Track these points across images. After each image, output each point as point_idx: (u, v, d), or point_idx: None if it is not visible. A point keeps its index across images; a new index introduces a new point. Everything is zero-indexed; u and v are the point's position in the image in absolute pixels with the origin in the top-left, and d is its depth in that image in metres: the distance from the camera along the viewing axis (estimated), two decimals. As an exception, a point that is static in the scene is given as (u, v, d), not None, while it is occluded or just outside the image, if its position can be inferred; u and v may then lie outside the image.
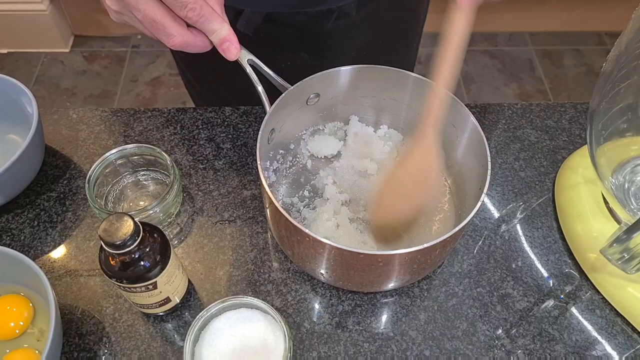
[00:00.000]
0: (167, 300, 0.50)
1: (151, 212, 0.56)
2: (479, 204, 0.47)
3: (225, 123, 0.68)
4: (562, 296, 0.57)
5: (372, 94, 0.61)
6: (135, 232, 0.42)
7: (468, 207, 0.55)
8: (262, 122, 0.51)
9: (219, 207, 0.61)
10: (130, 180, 0.61)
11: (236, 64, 0.51)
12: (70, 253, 0.57)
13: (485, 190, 0.48)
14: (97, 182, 0.58)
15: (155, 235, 0.46)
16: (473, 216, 0.46)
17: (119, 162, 0.60)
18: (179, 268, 0.50)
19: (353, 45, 0.73)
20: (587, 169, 0.62)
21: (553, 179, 0.65)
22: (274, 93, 0.53)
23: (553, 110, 0.72)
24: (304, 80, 0.54)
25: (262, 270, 0.57)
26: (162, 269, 0.46)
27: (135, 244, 0.43)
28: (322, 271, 0.52)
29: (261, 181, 0.48)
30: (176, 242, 0.58)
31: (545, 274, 0.58)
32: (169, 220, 0.59)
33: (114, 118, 0.68)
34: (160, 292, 0.48)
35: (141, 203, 0.61)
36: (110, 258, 0.44)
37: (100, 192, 0.59)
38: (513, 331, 0.54)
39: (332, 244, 0.44)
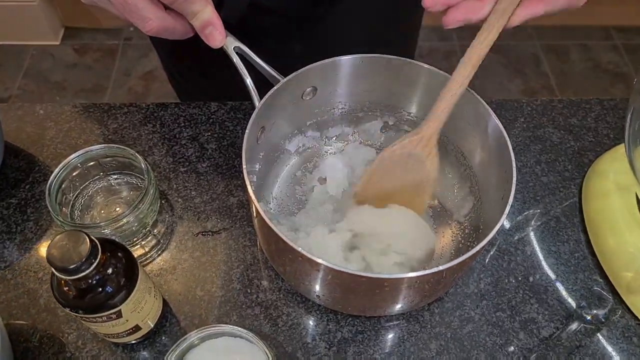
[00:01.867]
0: (137, 328, 0.43)
1: (123, 222, 0.48)
2: (502, 219, 0.39)
3: (211, 120, 0.60)
4: (593, 321, 0.49)
5: (377, 88, 0.53)
6: (92, 253, 0.35)
7: (487, 218, 0.48)
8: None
9: (201, 216, 0.54)
10: (100, 185, 0.54)
11: (224, 54, 0.45)
12: (29, 269, 0.50)
13: (510, 202, 0.40)
14: (62, 188, 0.51)
15: (119, 254, 0.39)
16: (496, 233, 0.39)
17: (89, 164, 0.52)
18: (150, 291, 0.43)
19: (348, 34, 0.66)
20: (619, 174, 0.55)
21: (579, 185, 0.58)
22: (265, 87, 0.46)
23: (577, 107, 0.64)
24: (299, 71, 0.47)
25: (249, 290, 0.49)
26: (128, 294, 0.39)
27: (92, 268, 0.35)
28: (318, 293, 0.44)
29: (246, 187, 0.40)
30: (152, 257, 0.51)
31: (574, 296, 0.50)
32: (143, 231, 0.52)
33: (85, 114, 0.60)
34: (127, 320, 0.41)
35: (117, 209, 0.54)
36: (63, 284, 0.37)
37: (66, 199, 0.52)
38: (538, 363, 0.47)
39: (330, 265, 0.37)
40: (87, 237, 0.35)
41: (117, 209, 0.54)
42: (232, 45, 0.45)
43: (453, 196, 0.54)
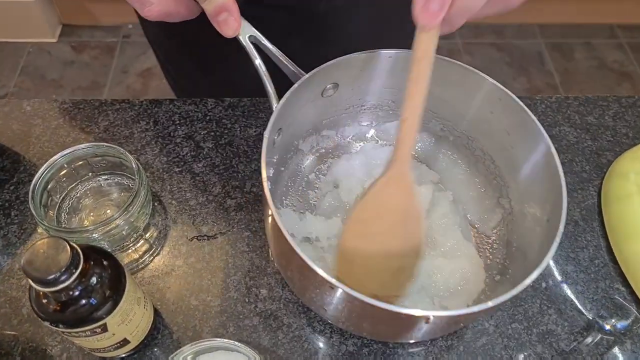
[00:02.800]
0: (125, 342, 0.39)
1: (112, 225, 0.45)
2: (552, 250, 0.35)
3: (207, 118, 0.57)
4: (613, 332, 0.46)
5: (403, 86, 0.49)
6: (73, 262, 0.32)
7: (523, 237, 0.44)
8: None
9: (197, 219, 0.50)
10: (89, 187, 0.51)
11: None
12: (11, 276, 0.47)
13: (561, 230, 0.36)
14: (48, 189, 0.48)
15: (104, 262, 0.36)
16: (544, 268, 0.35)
17: (77, 164, 0.49)
18: (139, 302, 0.39)
19: (350, 28, 0.62)
20: (641, 175, 0.52)
21: (598, 187, 0.54)
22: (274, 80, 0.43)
23: (594, 105, 0.61)
24: (322, 66, 0.43)
25: (247, 300, 0.46)
26: (114, 306, 0.36)
27: (73, 278, 0.32)
28: (331, 315, 0.41)
29: (266, 199, 0.36)
30: (143, 263, 0.48)
31: (594, 305, 0.47)
32: (135, 235, 0.49)
33: (75, 111, 0.57)
34: (113, 334, 0.37)
35: (107, 212, 0.50)
36: (41, 296, 0.34)
37: (52, 201, 0.49)
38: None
39: (360, 296, 0.32)
40: (67, 245, 0.32)
41: (108, 211, 0.50)
42: (246, 34, 0.41)
43: (479, 206, 0.50)
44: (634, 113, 0.60)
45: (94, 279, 0.34)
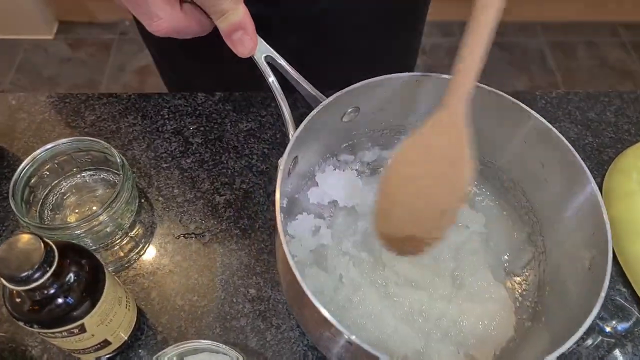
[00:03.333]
0: (106, 342, 0.38)
1: (95, 222, 0.44)
2: (596, 306, 0.32)
3: (197, 112, 0.55)
4: (613, 334, 0.45)
5: (426, 110, 0.45)
6: (47, 259, 0.30)
7: (558, 281, 0.41)
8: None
9: (184, 216, 0.49)
10: (73, 182, 0.49)
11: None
12: (-9, 275, 0.45)
13: (606, 283, 0.33)
14: (31, 185, 0.46)
15: (82, 260, 0.34)
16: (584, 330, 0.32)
17: (60, 159, 0.48)
18: (120, 301, 0.38)
19: (350, 28, 0.60)
20: (644, 172, 0.50)
21: (599, 185, 0.53)
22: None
23: (595, 101, 0.59)
24: (342, 91, 0.40)
25: (235, 300, 0.44)
26: (92, 306, 0.34)
27: (47, 276, 0.31)
28: None
29: (280, 241, 0.33)
30: (128, 261, 0.46)
31: (595, 307, 0.45)
32: (119, 233, 0.47)
33: (61, 105, 0.56)
34: (93, 335, 0.36)
35: (93, 208, 0.49)
36: (15, 294, 0.32)
37: (35, 198, 0.47)
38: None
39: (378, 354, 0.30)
40: (40, 241, 0.30)
41: (93, 208, 0.49)
42: (262, 52, 0.39)
43: (507, 242, 0.46)
44: (637, 109, 0.59)
45: (70, 278, 0.33)
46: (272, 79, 0.40)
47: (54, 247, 0.31)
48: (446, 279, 0.44)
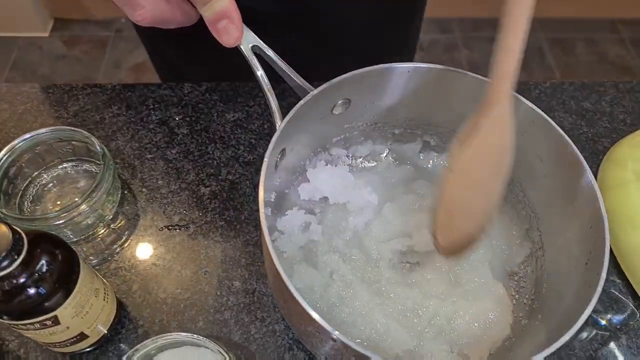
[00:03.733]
0: (82, 336, 0.37)
1: (75, 213, 0.42)
2: (592, 302, 0.31)
3: (183, 102, 0.54)
4: (608, 327, 0.43)
5: (421, 103, 0.45)
6: (15, 247, 0.29)
7: (555, 276, 0.41)
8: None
9: (168, 208, 0.48)
10: (55, 174, 0.48)
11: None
12: (-31, 267, 0.44)
13: (603, 277, 0.32)
14: (9, 176, 0.45)
15: (56, 250, 0.33)
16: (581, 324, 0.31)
17: (40, 149, 0.46)
18: (97, 293, 0.37)
19: (348, 23, 0.59)
20: (639, 162, 0.49)
21: (594, 174, 0.52)
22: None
23: (590, 90, 0.58)
24: (330, 82, 0.39)
25: (219, 293, 0.43)
26: (66, 297, 0.33)
27: (15, 265, 0.29)
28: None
29: (264, 241, 0.32)
30: (110, 253, 0.45)
31: (589, 299, 0.44)
32: (101, 224, 0.46)
33: (44, 96, 0.54)
34: (68, 327, 0.35)
35: (76, 200, 0.47)
36: (-17, 284, 0.31)
37: (14, 189, 0.46)
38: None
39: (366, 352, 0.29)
40: (8, 228, 0.29)
41: (75, 199, 0.48)
42: (248, 42, 0.37)
43: (504, 238, 0.45)
44: (632, 98, 0.58)
45: (42, 267, 0.32)
46: (260, 72, 0.39)
47: (22, 235, 0.30)
48: (442, 277, 0.43)
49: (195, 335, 0.36)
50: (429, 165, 0.49)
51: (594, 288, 0.31)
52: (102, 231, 0.46)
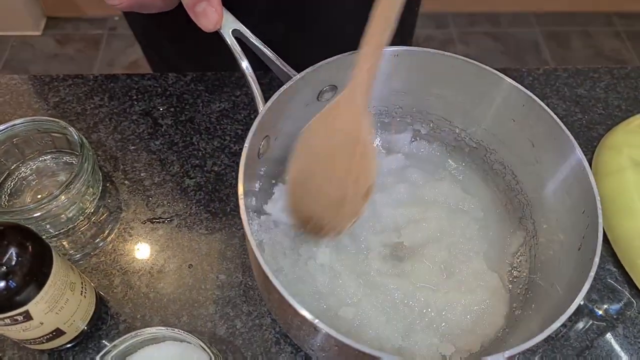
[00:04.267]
0: (58, 332, 0.35)
1: (53, 205, 0.41)
2: (584, 288, 0.30)
3: (167, 93, 0.53)
4: (605, 317, 0.42)
5: (411, 89, 0.43)
6: (-19, 238, 0.28)
7: (549, 264, 0.39)
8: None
9: (151, 200, 0.46)
10: (34, 166, 0.47)
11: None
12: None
13: (596, 262, 0.31)
14: (-13, 168, 0.44)
15: (26, 242, 0.32)
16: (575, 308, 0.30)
17: (17, 141, 0.45)
18: (73, 287, 0.35)
19: (341, 10, 0.58)
20: (634, 148, 0.48)
21: (588, 161, 0.50)
22: (260, 82, 0.38)
23: (584, 77, 0.57)
24: (314, 66, 0.38)
25: (203, 287, 0.42)
26: (38, 290, 0.32)
27: (-19, 257, 0.28)
28: (316, 354, 0.35)
29: (245, 230, 0.31)
30: (91, 247, 0.44)
31: (584, 288, 0.43)
32: (81, 217, 0.45)
33: (24, 87, 0.53)
34: (41, 323, 0.33)
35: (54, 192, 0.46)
36: (-51, 278, 0.30)
37: (-8, 182, 0.45)
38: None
39: (349, 342, 0.27)
40: (-27, 219, 0.28)
41: (55, 191, 0.46)
42: (229, 27, 0.36)
43: (497, 227, 0.44)
44: (627, 84, 0.56)
45: (11, 260, 0.30)
46: (245, 63, 0.37)
47: (-11, 225, 0.29)
48: (434, 268, 0.42)
49: (176, 330, 0.34)
50: (420, 154, 0.48)
51: (587, 274, 0.30)
52: (83, 225, 0.45)
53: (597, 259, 0.31)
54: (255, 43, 0.38)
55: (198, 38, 0.41)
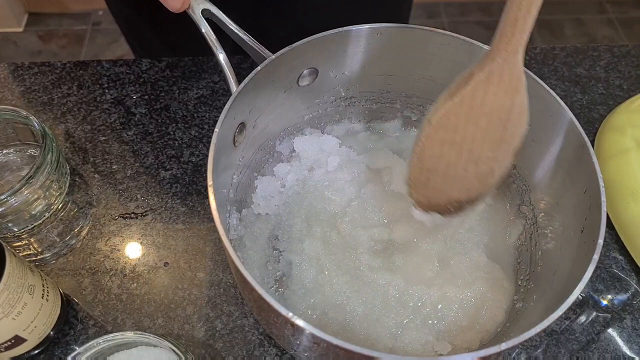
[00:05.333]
0: (18, 340, 0.32)
1: (13, 201, 0.38)
2: (589, 270, 0.27)
3: (141, 80, 0.50)
4: (611, 308, 0.40)
5: (398, 71, 0.40)
6: None
7: (552, 251, 0.36)
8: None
9: (124, 195, 0.43)
10: (-3, 160, 0.43)
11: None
12: None
13: (600, 243, 0.28)
14: (-57, 164, 0.40)
15: (-27, 241, 0.28)
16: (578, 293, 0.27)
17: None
18: (32, 290, 0.32)
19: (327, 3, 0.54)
20: (638, 128, 0.45)
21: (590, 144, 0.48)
22: (236, 71, 0.35)
23: (583, 56, 0.54)
24: (292, 46, 0.35)
25: (180, 286, 0.39)
26: (-11, 295, 0.28)
27: None
28: (301, 355, 0.32)
29: (215, 221, 0.28)
30: (57, 247, 0.40)
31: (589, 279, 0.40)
32: (47, 214, 0.41)
33: (-14, 77, 0.49)
34: (-4, 330, 0.30)
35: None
36: None
37: (-51, 178, 0.41)
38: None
39: (335, 341, 0.24)
40: None
41: (16, 186, 0.43)
42: (199, 7, 0.34)
43: (495, 217, 0.41)
44: (628, 63, 0.54)
45: (-45, 262, 0.27)
46: (222, 55, 0.35)
47: None
48: (429, 261, 0.39)
49: (145, 334, 0.31)
50: (411, 143, 0.45)
51: (590, 256, 0.27)
52: (50, 222, 0.42)
53: (601, 241, 0.28)
54: (228, 24, 0.35)
55: (178, 25, 0.38)
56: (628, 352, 0.38)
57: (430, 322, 0.36)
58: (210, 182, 0.29)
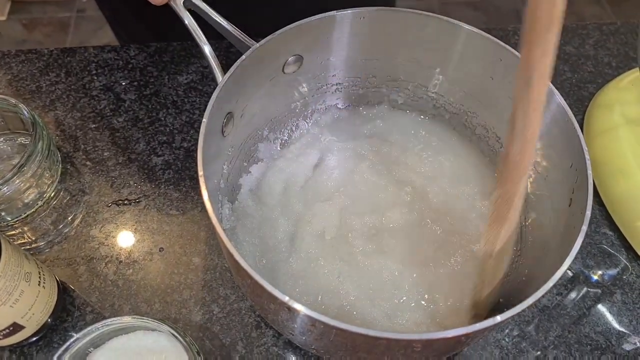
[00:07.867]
0: (17, 327, 0.32)
1: (5, 191, 0.38)
2: (577, 243, 0.28)
3: (130, 66, 0.49)
4: (601, 283, 0.40)
5: (384, 55, 0.40)
6: None
7: (540, 230, 0.37)
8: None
9: (116, 181, 0.43)
10: (-14, 150, 0.43)
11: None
12: None
13: (587, 215, 0.28)
14: None
15: (-33, 230, 0.28)
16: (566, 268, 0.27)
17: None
18: (29, 278, 0.32)
19: None
20: (627, 105, 0.45)
21: (579, 123, 0.48)
22: (225, 56, 0.35)
23: (572, 34, 0.54)
24: (276, 33, 0.34)
25: (176, 271, 0.39)
26: (-15, 284, 0.28)
27: None
28: (299, 339, 0.33)
29: (208, 212, 0.28)
30: (51, 235, 0.40)
31: (579, 254, 0.41)
32: (40, 202, 0.41)
33: (-28, 65, 0.49)
34: (-7, 318, 0.30)
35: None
36: None
37: (-61, 169, 0.41)
38: (537, 334, 0.37)
39: (350, 328, 0.25)
40: None
41: (8, 175, 0.43)
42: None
43: (484, 196, 0.41)
44: (617, 40, 0.54)
45: (-51, 251, 0.27)
46: (208, 47, 0.35)
47: None
48: (422, 243, 0.39)
49: (144, 318, 0.31)
50: (399, 125, 0.45)
51: (579, 228, 0.28)
52: (43, 210, 0.41)
53: (589, 212, 0.29)
54: (210, 14, 0.35)
55: (163, 10, 0.37)
56: (617, 326, 0.38)
57: (424, 303, 0.36)
58: (200, 172, 0.29)
